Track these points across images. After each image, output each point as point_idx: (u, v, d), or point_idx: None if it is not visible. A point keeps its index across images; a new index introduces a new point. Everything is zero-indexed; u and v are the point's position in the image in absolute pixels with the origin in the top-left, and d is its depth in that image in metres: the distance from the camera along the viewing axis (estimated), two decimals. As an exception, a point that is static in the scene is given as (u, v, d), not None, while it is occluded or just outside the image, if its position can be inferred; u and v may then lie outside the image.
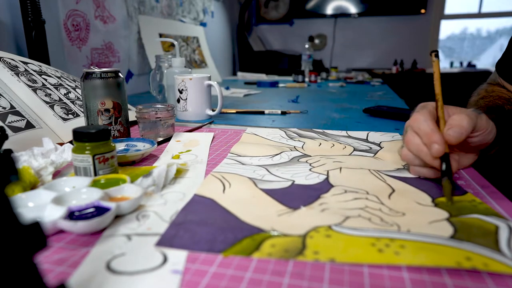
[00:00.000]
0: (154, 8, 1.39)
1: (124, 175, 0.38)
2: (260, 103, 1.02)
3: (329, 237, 0.28)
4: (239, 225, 0.30)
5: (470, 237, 0.27)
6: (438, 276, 0.24)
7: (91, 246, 0.27)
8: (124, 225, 0.30)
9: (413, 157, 0.40)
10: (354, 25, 2.72)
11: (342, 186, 0.38)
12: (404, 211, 0.32)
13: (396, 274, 0.24)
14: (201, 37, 1.73)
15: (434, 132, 0.36)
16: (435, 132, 0.36)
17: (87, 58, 1.03)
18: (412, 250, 0.25)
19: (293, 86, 1.47)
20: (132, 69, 1.26)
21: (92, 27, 1.04)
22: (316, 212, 0.32)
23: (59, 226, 0.29)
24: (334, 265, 0.25)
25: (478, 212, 0.32)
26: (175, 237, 0.28)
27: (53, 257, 0.26)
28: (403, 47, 2.66)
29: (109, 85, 0.54)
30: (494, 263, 0.24)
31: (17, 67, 0.61)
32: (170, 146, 0.56)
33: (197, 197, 0.35)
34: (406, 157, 0.41)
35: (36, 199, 0.32)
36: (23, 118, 0.52)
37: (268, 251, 0.26)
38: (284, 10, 2.76)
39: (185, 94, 0.75)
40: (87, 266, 0.25)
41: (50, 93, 0.61)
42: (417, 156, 0.39)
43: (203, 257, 0.26)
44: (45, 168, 0.39)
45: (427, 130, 0.36)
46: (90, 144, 0.38)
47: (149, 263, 0.25)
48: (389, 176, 0.42)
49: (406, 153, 0.41)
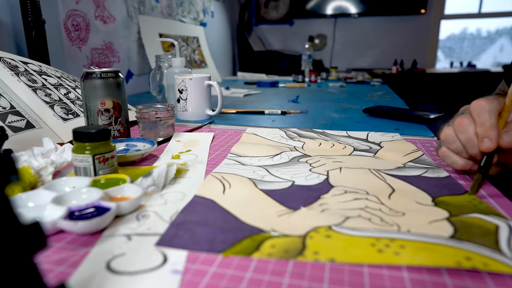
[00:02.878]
0: (154, 8, 1.39)
1: (124, 175, 0.38)
2: (260, 103, 1.02)
3: (329, 238, 0.28)
4: (239, 226, 0.30)
5: (470, 237, 0.27)
6: (438, 276, 0.24)
7: (91, 246, 0.27)
8: (124, 225, 0.30)
9: (454, 139, 0.38)
10: (354, 25, 2.72)
11: (342, 187, 0.38)
12: (404, 211, 0.32)
13: (396, 274, 0.24)
14: (201, 37, 1.73)
15: (493, 128, 0.34)
16: (494, 127, 0.34)
17: (87, 58, 1.03)
18: (412, 250, 0.25)
19: (293, 86, 1.47)
20: (132, 69, 1.26)
21: (92, 27, 1.04)
22: (316, 212, 0.32)
23: (59, 226, 0.29)
24: (334, 265, 0.25)
25: (478, 211, 0.32)
26: (175, 237, 0.28)
27: (53, 257, 0.26)
28: (403, 47, 2.66)
29: (109, 85, 0.54)
30: (494, 263, 0.24)
31: (17, 67, 0.60)
32: (170, 146, 0.56)
33: (197, 198, 0.35)
34: (447, 136, 0.39)
35: (36, 199, 0.32)
36: (23, 118, 0.52)
37: (268, 251, 0.26)
38: (284, 10, 2.76)
39: (185, 94, 0.75)
40: (87, 266, 0.25)
41: (50, 93, 0.61)
42: (462, 141, 0.37)
43: (203, 257, 0.26)
44: (45, 168, 0.39)
45: (488, 123, 0.34)
46: (90, 144, 0.38)
47: (149, 263, 0.25)
48: (390, 175, 0.42)
49: (449, 132, 0.38)
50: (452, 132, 0.38)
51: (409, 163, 0.46)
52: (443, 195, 0.36)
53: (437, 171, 0.43)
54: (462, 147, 0.38)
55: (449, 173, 0.43)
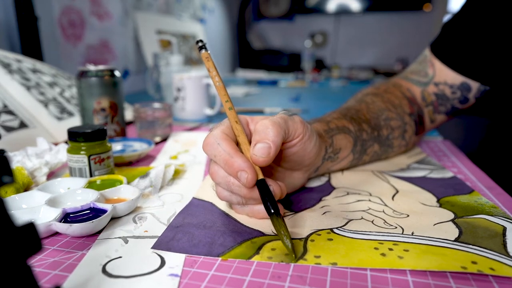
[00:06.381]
0: (152, 5, 1.38)
1: (120, 176, 0.37)
2: (260, 102, 1.01)
3: (330, 241, 0.27)
4: (238, 228, 0.29)
5: (476, 240, 0.27)
6: (443, 280, 0.23)
7: (86, 249, 0.27)
8: (121, 227, 0.30)
9: (229, 194, 0.30)
10: (356, 22, 2.72)
11: (344, 188, 0.38)
12: (408, 213, 0.32)
13: (400, 277, 0.23)
14: (200, 34, 1.72)
15: (233, 157, 0.27)
16: (234, 156, 0.27)
17: (82, 55, 1.02)
18: (416, 254, 0.25)
19: (294, 85, 1.47)
20: (128, 67, 1.25)
21: (88, 24, 1.03)
22: (317, 215, 0.32)
23: (54, 228, 0.28)
24: (336, 267, 0.24)
25: (484, 212, 0.31)
26: (173, 240, 0.27)
27: (47, 260, 0.25)
28: (406, 44, 2.65)
29: (105, 84, 0.53)
30: (501, 267, 0.23)
31: (10, 65, 0.59)
32: (168, 146, 0.55)
33: (196, 200, 0.35)
34: (221, 195, 0.31)
35: (30, 201, 0.32)
36: (17, 118, 0.51)
37: (268, 254, 0.25)
38: (285, 6, 2.75)
39: (183, 92, 0.74)
40: (83, 270, 0.24)
41: (44, 91, 0.60)
42: (231, 192, 0.30)
43: (202, 260, 0.25)
44: (39, 169, 0.38)
45: (224, 156, 0.28)
46: (85, 144, 0.37)
47: (146, 266, 0.24)
48: (393, 177, 0.41)
49: (220, 190, 0.31)
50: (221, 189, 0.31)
51: (413, 165, 0.46)
52: (448, 195, 0.36)
53: (442, 172, 0.42)
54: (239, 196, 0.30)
55: (454, 173, 0.42)
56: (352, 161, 0.42)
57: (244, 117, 0.32)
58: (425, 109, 0.50)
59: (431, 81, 0.49)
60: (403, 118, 0.46)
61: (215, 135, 0.29)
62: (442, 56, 0.48)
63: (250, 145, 0.29)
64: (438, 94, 0.48)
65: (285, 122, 0.30)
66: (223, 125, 0.30)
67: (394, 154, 0.48)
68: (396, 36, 2.67)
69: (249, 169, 0.27)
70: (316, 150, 0.34)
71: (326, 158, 0.38)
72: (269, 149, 0.28)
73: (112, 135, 0.55)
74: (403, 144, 0.47)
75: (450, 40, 0.47)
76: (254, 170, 0.27)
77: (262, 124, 0.29)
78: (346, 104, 0.49)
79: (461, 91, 0.47)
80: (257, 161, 0.28)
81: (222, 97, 0.31)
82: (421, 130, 0.50)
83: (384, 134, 0.44)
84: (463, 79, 0.46)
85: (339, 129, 0.39)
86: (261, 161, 0.28)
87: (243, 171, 0.27)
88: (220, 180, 0.30)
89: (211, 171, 0.30)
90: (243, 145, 0.30)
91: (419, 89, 0.50)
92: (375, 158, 0.45)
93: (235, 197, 0.30)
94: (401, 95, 0.49)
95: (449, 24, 0.48)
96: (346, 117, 0.41)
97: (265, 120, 0.29)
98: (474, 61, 0.45)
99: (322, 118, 0.42)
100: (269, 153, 0.28)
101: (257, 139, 0.28)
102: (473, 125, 1.52)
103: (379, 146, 0.44)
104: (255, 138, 0.29)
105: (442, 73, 0.48)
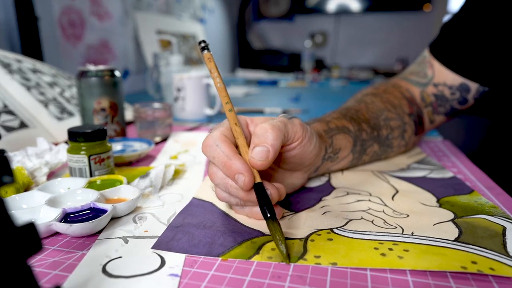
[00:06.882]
0: (151, 5, 1.38)
1: (120, 176, 0.37)
2: (260, 102, 1.01)
3: (330, 241, 0.27)
4: (238, 228, 0.29)
5: (476, 240, 0.27)
6: (443, 280, 0.23)
7: (86, 249, 0.27)
8: (121, 227, 0.30)
9: (228, 195, 0.30)
10: (356, 22, 2.71)
11: (344, 188, 0.38)
12: (408, 213, 0.32)
13: (400, 277, 0.23)
14: (200, 35, 1.72)
15: (231, 159, 0.27)
16: (232, 158, 0.27)
17: (82, 55, 1.02)
18: (415, 254, 0.25)
19: (294, 85, 1.47)
20: (129, 67, 1.25)
21: (88, 24, 1.03)
22: (317, 215, 0.32)
23: (54, 228, 0.28)
24: (336, 267, 0.24)
25: (484, 212, 0.31)
26: (173, 240, 0.27)
27: (47, 260, 0.25)
28: (406, 44, 2.65)
29: (105, 84, 0.53)
30: (501, 267, 0.23)
31: (10, 65, 0.59)
32: (168, 146, 0.55)
33: (196, 200, 0.35)
34: (220, 196, 0.31)
35: (30, 201, 0.32)
36: (17, 118, 0.51)
37: (268, 254, 0.25)
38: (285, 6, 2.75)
39: (183, 92, 0.74)
40: (83, 270, 0.24)
41: (44, 91, 0.60)
42: (229, 193, 0.30)
43: (202, 260, 0.25)
44: (39, 169, 0.38)
45: (222, 158, 0.28)
46: (85, 144, 0.37)
47: (146, 266, 0.24)
48: (392, 177, 0.41)
49: (219, 191, 0.31)
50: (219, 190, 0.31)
51: (413, 165, 0.46)
52: (448, 195, 0.36)
53: (441, 172, 0.42)
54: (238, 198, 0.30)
55: (454, 174, 0.42)
56: (352, 161, 0.42)
57: (243, 118, 0.32)
58: (424, 109, 0.50)
59: (430, 82, 0.49)
60: (402, 118, 0.46)
61: (214, 136, 0.29)
62: (441, 57, 0.48)
63: (248, 148, 0.29)
64: (437, 95, 0.48)
65: (284, 125, 0.30)
66: (222, 126, 0.30)
67: (393, 154, 0.48)
68: (396, 36, 2.67)
69: (247, 172, 0.27)
70: (316, 151, 0.34)
71: (326, 158, 0.38)
72: (268, 153, 0.28)
73: (112, 135, 0.55)
74: (403, 144, 0.47)
75: (449, 41, 0.47)
76: (252, 173, 0.27)
77: (261, 127, 0.29)
78: (346, 104, 0.49)
79: (460, 92, 0.47)
80: (255, 164, 0.28)
81: (223, 99, 0.31)
82: (421, 130, 0.50)
83: (384, 134, 0.44)
84: (462, 80, 0.46)
85: (338, 129, 0.39)
86: (259, 164, 0.28)
87: (241, 173, 0.27)
88: (218, 181, 0.30)
89: (210, 172, 0.30)
90: (242, 147, 0.29)
91: (418, 90, 0.50)
92: (374, 158, 0.45)
93: (234, 199, 0.30)
94: (401, 96, 0.49)
95: (448, 25, 0.48)
96: (346, 117, 0.42)
97: (265, 123, 0.29)
98: (473, 62, 0.45)
99: (321, 118, 0.42)
100: (268, 157, 0.28)
101: (256, 142, 0.28)
102: (473, 125, 1.52)
103: (379, 146, 0.44)
104: (254, 141, 0.29)
105: (441, 74, 0.48)
